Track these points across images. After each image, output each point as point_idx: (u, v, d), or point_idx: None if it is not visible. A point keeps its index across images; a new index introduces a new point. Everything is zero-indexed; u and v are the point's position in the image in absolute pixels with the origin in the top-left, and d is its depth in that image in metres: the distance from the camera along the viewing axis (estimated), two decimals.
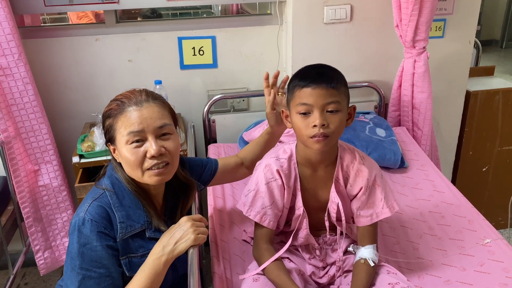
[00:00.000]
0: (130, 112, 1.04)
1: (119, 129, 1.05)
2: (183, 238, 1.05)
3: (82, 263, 1.00)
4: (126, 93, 1.09)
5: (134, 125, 1.03)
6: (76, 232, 1.02)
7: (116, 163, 1.12)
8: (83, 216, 1.02)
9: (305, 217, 1.25)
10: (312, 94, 1.08)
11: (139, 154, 1.04)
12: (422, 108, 2.01)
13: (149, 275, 1.02)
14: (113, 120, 1.06)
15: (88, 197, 1.08)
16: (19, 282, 2.23)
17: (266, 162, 1.24)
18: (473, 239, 1.44)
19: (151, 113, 1.05)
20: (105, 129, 1.10)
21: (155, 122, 1.05)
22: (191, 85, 2.12)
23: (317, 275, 1.27)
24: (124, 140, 1.04)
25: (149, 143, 1.04)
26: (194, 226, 1.08)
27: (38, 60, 1.95)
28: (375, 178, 1.21)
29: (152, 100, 1.08)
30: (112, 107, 1.07)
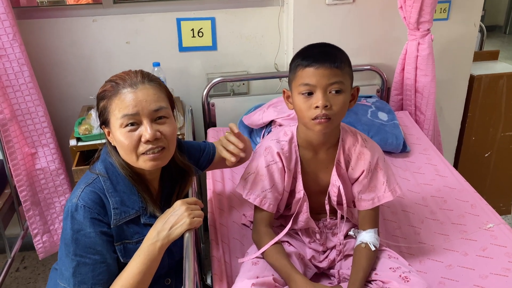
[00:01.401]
0: (124, 94, 0.99)
1: (113, 112, 1.01)
2: (178, 223, 1.03)
3: (76, 250, 0.98)
4: (121, 74, 1.04)
5: (129, 107, 0.99)
6: (69, 218, 1.00)
7: (110, 146, 1.08)
8: (76, 202, 1.00)
9: (306, 201, 1.22)
10: (315, 74, 1.05)
11: (134, 138, 1.00)
12: (425, 92, 1.98)
13: (144, 261, 1.00)
14: (107, 102, 1.02)
15: (81, 182, 1.05)
16: (18, 266, 2.23)
17: (266, 145, 1.22)
18: (476, 224, 1.43)
19: (146, 95, 1.01)
20: (99, 111, 1.05)
21: (150, 105, 1.01)
22: (190, 67, 2.09)
23: (317, 259, 1.25)
24: (118, 123, 1.00)
25: (144, 127, 1.00)
26: (189, 210, 1.05)
27: (33, 41, 1.91)
28: (377, 161, 1.19)
29: (148, 82, 1.03)
30: (106, 89, 1.03)
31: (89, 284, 0.99)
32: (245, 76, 2.10)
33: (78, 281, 0.98)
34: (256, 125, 1.83)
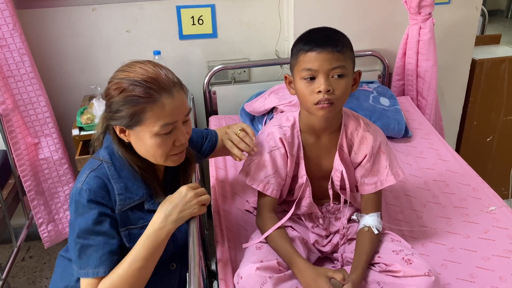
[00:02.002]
0: (163, 104, 0.98)
1: (149, 119, 0.98)
2: (186, 208, 1.04)
3: (80, 232, 0.99)
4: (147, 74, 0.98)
5: (169, 116, 0.99)
6: (73, 202, 1.01)
7: (118, 142, 1.06)
8: (80, 187, 1.01)
9: (308, 186, 1.23)
10: (317, 58, 1.05)
11: (169, 143, 1.02)
12: (427, 77, 1.97)
13: (150, 245, 1.01)
14: (141, 108, 0.98)
15: (86, 168, 1.06)
16: (24, 255, 2.25)
17: (268, 131, 1.22)
18: (478, 207, 1.43)
19: (181, 101, 1.02)
20: (121, 114, 1.00)
21: (184, 110, 1.03)
22: (190, 55, 2.08)
23: (320, 244, 1.27)
24: (154, 131, 0.99)
25: (179, 131, 1.03)
26: (197, 196, 1.06)
27: (33, 31, 1.90)
28: (379, 145, 1.19)
29: (178, 84, 1.03)
30: (137, 94, 0.97)
31: (92, 265, 0.99)
32: (246, 64, 2.09)
33: (84, 263, 0.99)
34: (258, 112, 1.83)
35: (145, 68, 1.00)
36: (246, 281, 1.03)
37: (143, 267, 1.01)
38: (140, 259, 1.00)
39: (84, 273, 0.99)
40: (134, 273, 1.00)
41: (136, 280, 1.00)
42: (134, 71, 1.00)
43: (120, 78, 1.00)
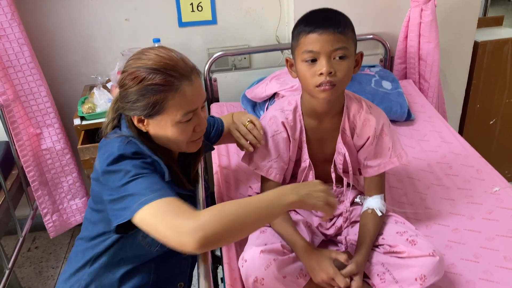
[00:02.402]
0: (184, 92, 0.96)
1: (170, 108, 0.97)
2: (313, 196, 0.95)
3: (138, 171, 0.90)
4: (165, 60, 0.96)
5: (191, 104, 0.99)
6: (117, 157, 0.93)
7: (136, 130, 1.03)
8: (121, 147, 0.95)
9: (311, 170, 1.23)
10: (319, 40, 1.04)
11: (190, 130, 1.02)
12: (429, 59, 1.96)
13: (270, 200, 0.90)
14: (163, 97, 0.95)
15: (116, 141, 0.99)
16: (29, 246, 2.27)
17: (270, 115, 1.22)
18: (482, 188, 1.43)
19: (199, 87, 1.01)
20: (142, 103, 0.97)
21: (203, 96, 1.02)
22: (190, 43, 2.07)
23: (324, 227, 1.27)
24: (176, 119, 0.98)
25: (198, 117, 1.02)
26: (328, 192, 0.98)
27: (32, 21, 1.89)
28: (382, 127, 1.19)
29: (195, 71, 1.01)
30: (158, 82, 0.94)
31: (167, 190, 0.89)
32: (246, 50, 2.08)
33: (158, 188, 0.89)
34: (260, 98, 1.82)
35: (161, 54, 0.97)
36: (251, 264, 1.03)
37: (253, 218, 0.87)
38: (254, 210, 0.87)
39: (159, 194, 0.87)
40: (246, 214, 0.86)
41: (243, 223, 0.86)
42: (150, 58, 0.96)
43: (136, 66, 0.97)
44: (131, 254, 1.06)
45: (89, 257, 1.06)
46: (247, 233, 0.95)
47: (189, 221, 0.82)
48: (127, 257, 1.07)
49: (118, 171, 0.92)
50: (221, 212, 0.84)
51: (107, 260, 1.06)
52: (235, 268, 1.11)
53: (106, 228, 1.04)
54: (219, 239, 0.83)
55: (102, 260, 1.06)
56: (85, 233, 1.11)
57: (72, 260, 1.11)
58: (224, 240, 0.86)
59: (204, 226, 0.81)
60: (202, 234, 0.80)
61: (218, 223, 0.82)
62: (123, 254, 1.06)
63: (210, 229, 0.81)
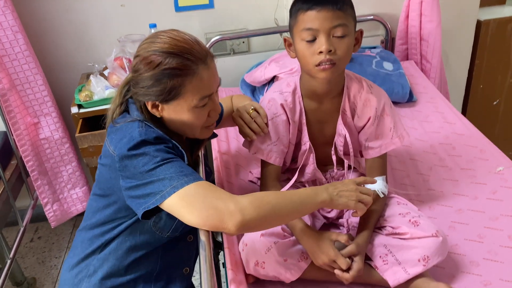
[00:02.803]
0: (201, 74, 0.94)
1: (187, 92, 0.95)
2: (344, 195, 0.96)
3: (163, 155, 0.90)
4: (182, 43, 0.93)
5: (208, 88, 0.97)
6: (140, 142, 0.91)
7: (149, 116, 1.00)
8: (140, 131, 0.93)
9: (312, 152, 1.21)
10: (318, 17, 1.01)
11: (205, 115, 1.01)
12: (430, 39, 1.92)
13: (303, 196, 0.93)
14: (180, 81, 0.93)
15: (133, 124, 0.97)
16: (32, 236, 2.27)
17: (269, 97, 1.19)
18: (485, 168, 1.41)
19: (215, 70, 0.99)
20: (158, 88, 0.94)
21: (218, 80, 1.01)
22: (187, 27, 1.99)
23: (325, 210, 1.25)
24: (193, 104, 0.96)
25: (213, 102, 1.01)
26: (358, 191, 0.99)
27: (25, 9, 1.86)
28: (383, 107, 1.16)
29: (209, 54, 0.98)
30: (175, 66, 0.92)
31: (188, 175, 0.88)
32: (245, 33, 2.04)
33: (188, 172, 0.89)
34: (259, 82, 1.80)
35: (176, 38, 0.94)
36: (251, 248, 1.02)
37: (288, 211, 0.91)
38: (290, 203, 0.91)
39: (193, 178, 0.88)
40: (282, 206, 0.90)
41: (279, 214, 0.90)
42: (165, 42, 0.94)
43: (151, 51, 0.94)
44: (141, 240, 1.05)
45: (98, 243, 1.05)
46: (280, 223, 0.98)
47: (230, 203, 0.85)
48: (136, 244, 1.05)
49: (142, 155, 0.90)
50: (259, 200, 0.88)
51: (116, 246, 1.04)
52: (236, 253, 1.09)
53: (117, 213, 1.02)
54: (256, 225, 0.88)
55: (112, 246, 1.05)
56: (89, 221, 1.09)
57: (78, 248, 1.09)
58: (259, 226, 0.90)
59: (244, 210, 0.85)
60: (241, 218, 0.84)
61: (256, 210, 0.86)
62: (133, 241, 1.05)
63: (249, 213, 0.85)
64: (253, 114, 1.18)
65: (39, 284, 1.99)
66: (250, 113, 1.18)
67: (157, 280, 1.09)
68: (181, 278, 1.15)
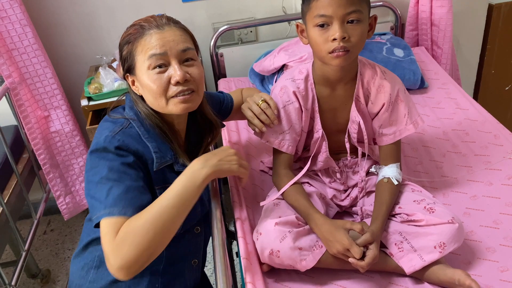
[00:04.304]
0: (150, 35, 0.96)
1: (139, 55, 0.97)
2: (226, 161, 0.98)
3: (109, 174, 0.92)
4: (145, 18, 1.01)
5: (156, 47, 0.95)
6: (101, 149, 0.94)
7: (135, 96, 1.04)
8: (111, 135, 0.95)
9: (325, 140, 1.20)
10: (331, 3, 0.99)
11: (163, 80, 0.96)
12: (441, 25, 1.89)
13: (185, 185, 0.91)
14: (132, 46, 0.98)
15: (114, 123, 0.99)
16: (45, 229, 2.29)
17: (281, 84, 1.18)
18: (500, 154, 1.39)
19: (174, 35, 0.97)
20: (123, 58, 1.01)
21: (178, 45, 0.97)
22: (194, 18, 2.02)
23: (339, 198, 1.24)
24: (145, 66, 0.96)
25: (173, 68, 0.96)
26: (238, 156, 1.01)
27: (33, 2, 1.85)
28: (397, 93, 1.14)
29: (173, 23, 1.00)
30: (130, 32, 0.99)
31: (120, 205, 0.89)
32: (252, 22, 2.02)
33: (110, 203, 0.90)
34: (268, 71, 1.78)
35: (148, 16, 1.02)
36: (266, 237, 1.02)
37: (174, 208, 0.89)
38: (172, 197, 0.90)
39: (109, 212, 0.89)
40: (165, 211, 0.88)
41: (164, 224, 0.87)
42: (138, 19, 1.02)
43: None
44: None
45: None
46: (175, 230, 0.91)
47: (114, 259, 0.84)
48: None
49: (96, 165, 0.94)
50: (135, 235, 0.85)
51: None
52: (250, 242, 1.09)
53: None
54: (147, 258, 0.87)
55: None
56: None
57: (84, 238, 1.10)
58: (153, 253, 0.88)
59: (126, 261, 0.84)
60: (126, 271, 0.85)
61: (138, 250, 0.84)
62: None
63: (131, 260, 0.84)
64: (263, 106, 1.15)
65: (54, 275, 2.01)
66: (260, 104, 1.15)
67: (164, 273, 1.08)
68: (189, 270, 1.14)
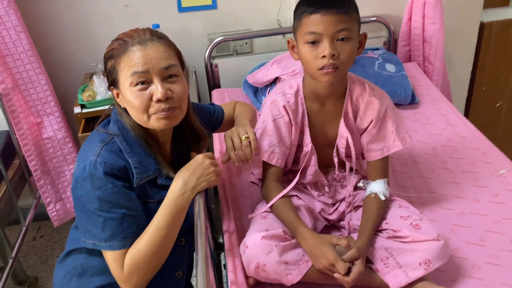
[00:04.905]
0: (133, 52, 0.96)
1: (122, 70, 0.97)
2: (204, 176, 1.03)
3: (101, 206, 0.95)
4: (129, 31, 1.00)
5: (138, 65, 0.95)
6: (88, 177, 0.95)
7: (120, 108, 1.05)
8: (94, 159, 0.96)
9: (314, 154, 1.21)
10: (322, 21, 1.01)
11: (145, 97, 0.97)
12: (433, 41, 1.91)
13: (171, 212, 0.99)
14: (115, 61, 0.98)
15: (95, 141, 1.01)
16: (34, 235, 2.28)
17: (272, 98, 1.19)
18: (488, 171, 1.41)
19: (156, 52, 0.97)
20: (107, 72, 1.02)
21: (161, 63, 0.97)
22: (190, 28, 2.04)
23: (327, 212, 1.25)
24: (127, 82, 0.97)
25: (155, 85, 0.97)
26: (213, 165, 1.05)
27: (29, 8, 1.86)
28: (386, 109, 1.16)
29: (157, 39, 0.99)
30: (113, 47, 0.99)
31: (118, 238, 0.96)
32: (248, 34, 2.04)
33: (108, 236, 0.96)
34: (261, 83, 1.80)
35: (132, 29, 1.02)
36: (252, 250, 1.02)
37: (166, 236, 0.99)
38: (163, 228, 0.98)
39: (109, 245, 0.96)
40: (159, 242, 0.98)
41: (161, 249, 0.99)
42: (122, 33, 1.02)
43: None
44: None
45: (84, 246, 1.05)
46: (171, 246, 1.03)
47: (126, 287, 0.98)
48: None
49: (85, 195, 0.96)
50: (140, 268, 0.97)
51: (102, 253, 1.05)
52: (237, 255, 1.09)
53: None
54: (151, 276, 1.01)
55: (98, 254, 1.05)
56: None
57: (68, 245, 1.11)
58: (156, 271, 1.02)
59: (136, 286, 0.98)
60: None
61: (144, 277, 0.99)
62: None
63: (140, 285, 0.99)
64: (244, 143, 1.14)
65: (41, 283, 2.00)
66: (242, 140, 1.14)
67: (148, 284, 1.06)
68: (173, 282, 1.14)
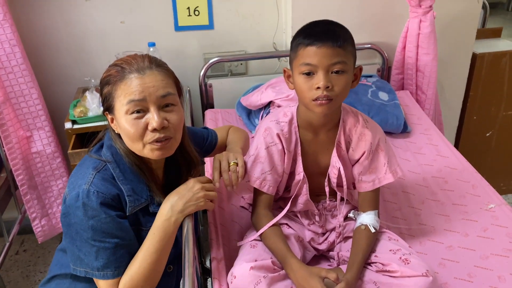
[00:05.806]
0: (130, 80, 0.95)
1: (118, 98, 0.96)
2: (192, 200, 1.03)
3: (94, 235, 0.95)
4: (127, 57, 0.99)
5: (135, 93, 0.94)
6: (81, 206, 0.95)
7: (114, 134, 1.04)
8: (87, 188, 0.95)
9: (305, 183, 1.20)
10: (317, 53, 1.02)
11: (140, 126, 0.96)
12: (426, 71, 1.94)
13: (160, 237, 1.00)
14: (112, 88, 0.97)
15: (88, 167, 1.00)
16: (17, 249, 2.23)
17: (266, 126, 1.19)
18: (477, 204, 1.41)
19: (154, 81, 0.96)
20: (103, 97, 1.01)
21: (158, 91, 0.96)
22: (186, 47, 2.04)
23: (316, 241, 1.24)
24: (123, 110, 0.96)
25: (151, 114, 0.96)
26: (204, 190, 1.05)
27: (24, 21, 1.86)
28: (378, 142, 1.16)
29: (156, 67, 0.98)
30: (111, 73, 0.98)
31: (112, 267, 0.97)
32: (243, 56, 2.06)
33: (101, 265, 0.97)
34: (254, 106, 1.80)
35: (131, 55, 1.01)
36: (240, 281, 1.01)
37: (156, 260, 1.00)
38: (152, 252, 0.99)
39: (103, 274, 0.97)
40: (150, 267, 0.99)
41: (153, 273, 1.00)
42: (120, 59, 1.01)
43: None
44: None
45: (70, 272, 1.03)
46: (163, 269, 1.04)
47: None
48: None
49: (78, 223, 0.96)
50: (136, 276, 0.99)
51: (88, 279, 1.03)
52: (224, 284, 1.08)
53: None
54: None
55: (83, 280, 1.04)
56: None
57: (53, 269, 1.10)
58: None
59: None
60: None
61: None
62: None
63: None
64: (232, 168, 1.13)
65: None
66: (230, 165, 1.14)
67: None
68: None
